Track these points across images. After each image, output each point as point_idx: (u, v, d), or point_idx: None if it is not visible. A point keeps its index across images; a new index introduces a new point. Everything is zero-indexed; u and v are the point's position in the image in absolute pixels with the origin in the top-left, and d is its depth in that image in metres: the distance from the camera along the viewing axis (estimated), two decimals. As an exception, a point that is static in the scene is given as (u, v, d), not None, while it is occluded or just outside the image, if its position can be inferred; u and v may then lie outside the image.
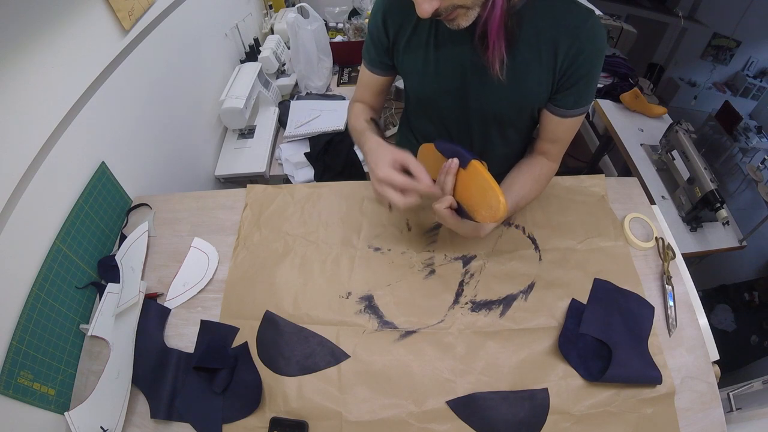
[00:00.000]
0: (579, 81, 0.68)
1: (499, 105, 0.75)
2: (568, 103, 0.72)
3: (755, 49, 3.18)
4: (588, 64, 0.67)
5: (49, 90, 0.74)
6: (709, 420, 0.68)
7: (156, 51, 1.09)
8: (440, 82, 0.75)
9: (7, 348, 0.64)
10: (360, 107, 0.88)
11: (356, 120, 0.85)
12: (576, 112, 0.73)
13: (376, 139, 0.73)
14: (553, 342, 0.72)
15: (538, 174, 0.80)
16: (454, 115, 0.81)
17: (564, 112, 0.73)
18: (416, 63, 0.75)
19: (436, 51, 0.72)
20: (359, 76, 0.88)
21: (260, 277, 0.81)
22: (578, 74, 0.68)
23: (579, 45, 0.65)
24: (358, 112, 0.87)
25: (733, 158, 2.77)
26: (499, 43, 0.63)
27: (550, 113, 0.75)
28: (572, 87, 0.69)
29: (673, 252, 0.84)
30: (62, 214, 0.78)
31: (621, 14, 3.09)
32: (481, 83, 0.72)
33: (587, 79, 0.69)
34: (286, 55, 1.79)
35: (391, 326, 0.75)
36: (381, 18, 0.74)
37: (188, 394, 0.70)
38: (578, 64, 0.66)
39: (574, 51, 0.66)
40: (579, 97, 0.71)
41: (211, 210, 0.94)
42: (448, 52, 0.71)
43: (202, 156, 1.42)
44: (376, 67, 0.82)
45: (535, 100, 0.73)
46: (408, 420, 0.66)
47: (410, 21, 0.72)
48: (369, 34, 0.79)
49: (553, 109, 0.74)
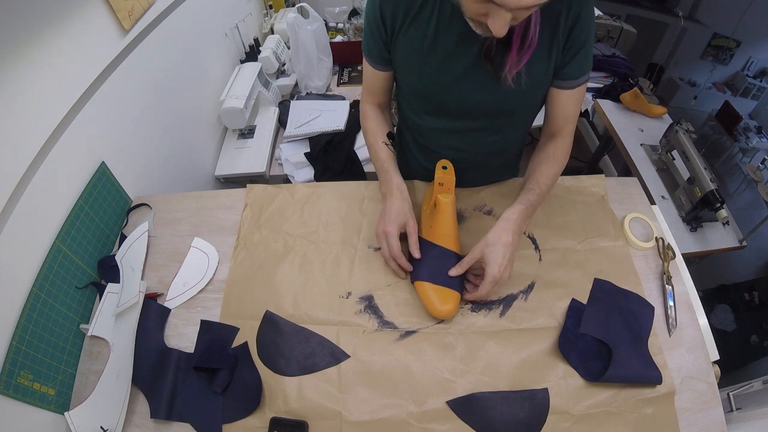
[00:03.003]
0: (580, 49, 0.69)
1: (507, 99, 0.74)
2: (573, 74, 0.71)
3: (755, 49, 3.18)
4: (586, 29, 0.67)
5: (49, 90, 0.74)
6: (709, 420, 0.68)
7: (156, 51, 1.09)
8: (442, 77, 0.73)
9: (7, 348, 0.64)
10: (374, 117, 0.87)
11: (374, 137, 0.85)
12: (581, 81, 0.73)
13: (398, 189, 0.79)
14: (553, 342, 0.72)
15: (552, 152, 0.79)
16: (455, 108, 0.79)
17: (571, 83, 0.73)
18: (415, 57, 0.73)
19: (437, 45, 0.70)
20: (364, 74, 0.86)
21: (260, 277, 0.81)
22: (579, 42, 0.68)
23: (573, 14, 0.65)
24: (375, 127, 0.86)
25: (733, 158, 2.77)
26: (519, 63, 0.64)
27: (557, 89, 0.74)
28: (575, 56, 0.69)
29: (673, 252, 0.84)
30: (62, 214, 0.78)
31: (621, 14, 3.10)
32: (487, 78, 0.71)
33: (587, 45, 0.69)
34: (286, 55, 1.79)
35: (391, 326, 0.75)
36: (378, 7, 0.71)
37: (188, 394, 0.70)
38: (576, 33, 0.67)
39: (570, 23, 0.65)
40: (582, 64, 0.71)
41: (211, 210, 0.94)
42: (452, 46, 0.70)
43: (202, 156, 1.42)
44: (378, 63, 0.80)
45: (543, 87, 0.74)
46: (408, 420, 0.66)
47: (408, 13, 0.70)
48: (367, 26, 0.76)
49: (560, 83, 0.73)
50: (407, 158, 0.97)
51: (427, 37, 0.70)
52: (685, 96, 3.33)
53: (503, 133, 0.84)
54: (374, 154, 0.86)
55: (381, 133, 0.86)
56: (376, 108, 0.89)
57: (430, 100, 0.80)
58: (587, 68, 0.72)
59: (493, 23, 0.52)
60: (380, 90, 0.86)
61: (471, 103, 0.76)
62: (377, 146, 0.85)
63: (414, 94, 0.82)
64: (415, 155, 0.93)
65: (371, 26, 0.74)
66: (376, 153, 0.85)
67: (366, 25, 0.76)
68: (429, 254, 0.76)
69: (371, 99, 0.88)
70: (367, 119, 0.88)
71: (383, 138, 0.85)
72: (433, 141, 0.87)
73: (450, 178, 0.79)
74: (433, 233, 0.78)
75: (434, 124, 0.84)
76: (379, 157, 0.84)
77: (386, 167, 0.82)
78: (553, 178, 0.78)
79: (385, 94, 0.87)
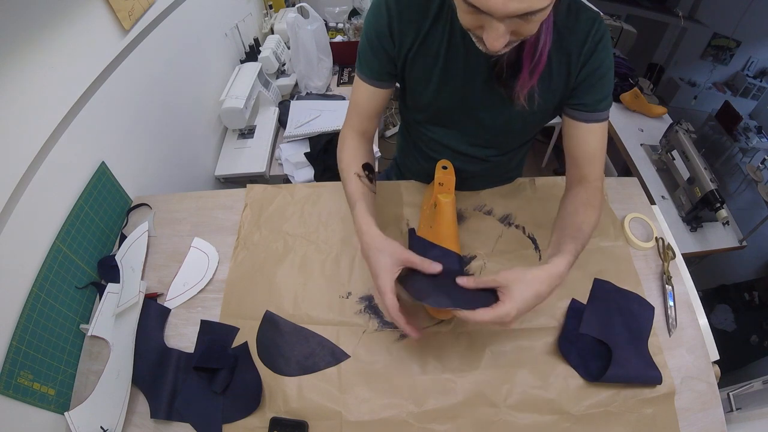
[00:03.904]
0: (598, 81, 0.67)
1: (516, 119, 0.73)
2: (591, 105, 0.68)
3: (755, 49, 3.18)
4: (602, 63, 0.65)
5: (49, 90, 0.74)
6: (709, 420, 0.68)
7: (156, 51, 1.09)
8: (451, 94, 0.72)
9: (7, 348, 0.64)
10: (352, 147, 0.77)
11: (347, 167, 0.75)
12: (601, 114, 0.69)
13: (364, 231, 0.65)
14: (553, 342, 0.72)
15: (587, 199, 0.70)
16: (462, 125, 0.78)
17: (587, 116, 0.69)
18: (427, 74, 0.71)
19: (449, 64, 0.69)
20: (353, 97, 0.78)
21: (260, 277, 0.81)
22: (596, 75, 0.66)
23: (589, 48, 0.64)
24: (350, 158, 0.76)
25: (733, 158, 2.77)
26: (531, 80, 0.62)
27: (575, 121, 0.70)
28: (592, 87, 0.67)
29: (673, 252, 0.84)
30: (62, 214, 0.78)
31: (621, 14, 3.09)
32: (495, 98, 0.70)
33: (605, 79, 0.67)
34: (286, 55, 1.79)
35: (391, 326, 0.75)
36: (386, 20, 0.67)
37: (188, 394, 0.70)
38: (592, 65, 0.65)
39: (585, 55, 0.65)
40: (600, 95, 0.68)
41: (211, 210, 0.94)
42: (463, 65, 0.68)
43: (202, 156, 1.42)
44: (379, 79, 0.74)
45: (547, 112, 0.73)
46: (408, 420, 0.66)
47: (420, 32, 0.67)
48: (367, 41, 0.71)
49: (577, 114, 0.69)
50: (408, 158, 0.97)
51: (439, 56, 0.68)
52: (685, 96, 3.32)
53: (508, 147, 0.84)
54: (345, 187, 0.75)
55: (355, 164, 0.76)
56: (359, 136, 0.79)
57: (438, 115, 0.79)
58: (605, 102, 0.68)
59: (487, 36, 0.50)
60: (372, 113, 0.78)
61: (479, 120, 0.75)
62: (349, 177, 0.74)
63: (421, 110, 0.80)
64: (415, 157, 0.93)
65: (374, 41, 0.70)
66: (346, 186, 0.74)
67: (366, 41, 0.71)
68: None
69: (357, 125, 0.79)
70: (345, 148, 0.78)
71: (356, 169, 0.75)
72: (435, 150, 0.86)
73: (450, 178, 0.79)
74: (433, 233, 0.78)
75: (438, 135, 0.82)
76: (347, 191, 0.74)
77: (353, 200, 0.71)
78: (594, 227, 0.69)
79: (374, 118, 0.79)
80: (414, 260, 0.63)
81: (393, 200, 0.92)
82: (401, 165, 1.03)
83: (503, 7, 0.45)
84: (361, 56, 0.73)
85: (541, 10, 0.47)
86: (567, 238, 0.65)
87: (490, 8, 0.46)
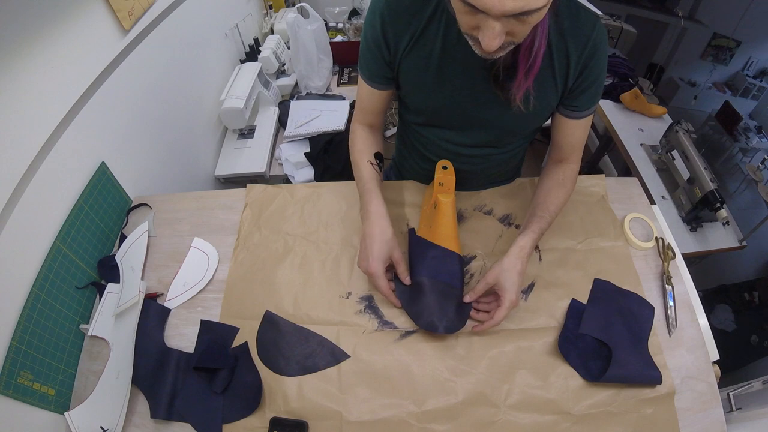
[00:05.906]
0: (593, 83, 0.70)
1: (513, 120, 0.74)
2: (583, 106, 0.73)
3: (755, 49, 3.17)
4: (598, 67, 0.68)
5: (49, 90, 0.74)
6: (709, 420, 0.68)
7: (156, 51, 1.09)
8: (447, 96, 0.72)
9: (7, 348, 0.64)
10: (364, 137, 0.84)
11: (360, 155, 0.82)
12: (590, 112, 0.75)
13: (376, 214, 0.74)
14: (553, 342, 0.72)
15: (561, 178, 0.80)
16: (460, 126, 0.79)
17: (578, 114, 0.74)
18: (421, 76, 0.72)
19: (444, 64, 0.69)
20: (358, 94, 0.82)
21: (260, 277, 0.81)
22: (592, 77, 0.69)
23: (589, 52, 0.66)
24: (362, 146, 0.83)
25: (733, 158, 2.77)
26: (526, 81, 0.63)
27: (565, 118, 0.75)
28: (586, 90, 0.71)
29: (673, 252, 0.84)
30: (62, 214, 0.78)
31: (621, 14, 3.09)
32: (492, 99, 0.70)
33: (599, 81, 0.71)
34: (286, 55, 1.79)
35: (391, 326, 0.75)
36: (380, 27, 0.69)
37: (188, 394, 0.70)
38: (590, 69, 0.68)
39: (584, 59, 0.67)
40: (593, 98, 0.73)
41: (211, 210, 0.94)
42: (459, 66, 0.69)
43: (202, 156, 1.42)
44: (378, 82, 0.77)
45: (547, 112, 0.75)
46: (408, 420, 0.66)
47: (414, 34, 0.68)
48: (365, 45, 0.73)
49: (569, 113, 0.74)
50: (406, 159, 0.97)
51: (433, 56, 0.69)
52: (685, 96, 3.32)
53: (507, 147, 0.84)
54: (357, 173, 0.81)
55: (368, 152, 0.82)
56: (368, 128, 0.85)
57: (435, 117, 0.79)
58: (596, 101, 0.74)
59: (483, 36, 0.50)
60: (375, 110, 0.83)
61: (477, 121, 0.76)
62: (362, 164, 0.80)
63: (419, 111, 0.81)
64: (414, 158, 0.93)
65: (371, 46, 0.72)
66: (360, 172, 0.80)
67: (364, 44, 0.73)
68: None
69: (364, 119, 0.85)
70: (356, 139, 0.84)
71: (369, 157, 0.81)
72: (434, 150, 0.86)
73: (450, 178, 0.79)
74: (433, 233, 0.78)
75: (437, 136, 0.83)
76: (361, 177, 0.79)
77: (368, 188, 0.77)
78: (562, 204, 0.79)
79: (379, 114, 0.84)
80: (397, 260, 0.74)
81: (393, 200, 0.92)
82: (400, 167, 1.03)
83: (500, 5, 0.46)
84: (361, 57, 0.76)
85: (537, 10, 0.47)
86: (534, 218, 0.76)
87: (486, 6, 0.47)
